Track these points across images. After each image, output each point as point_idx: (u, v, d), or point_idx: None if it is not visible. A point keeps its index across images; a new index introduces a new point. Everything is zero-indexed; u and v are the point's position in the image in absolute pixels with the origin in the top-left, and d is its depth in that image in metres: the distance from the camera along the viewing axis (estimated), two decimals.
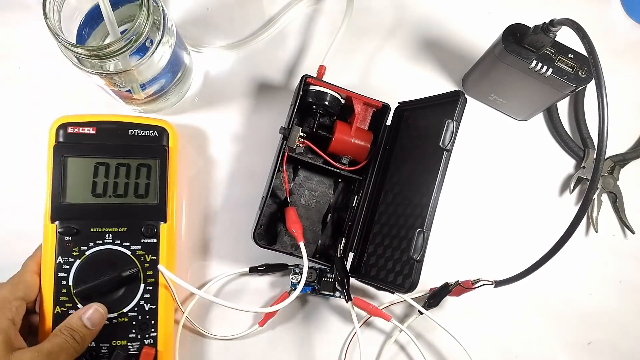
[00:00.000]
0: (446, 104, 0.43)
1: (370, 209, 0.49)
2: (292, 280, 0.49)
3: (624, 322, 0.53)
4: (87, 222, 0.44)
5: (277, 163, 0.46)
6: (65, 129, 0.45)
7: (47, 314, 0.43)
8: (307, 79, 0.46)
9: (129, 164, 0.45)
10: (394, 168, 0.48)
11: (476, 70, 0.51)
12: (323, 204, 0.50)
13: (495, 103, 0.53)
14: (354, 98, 0.47)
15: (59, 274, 0.43)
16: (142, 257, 0.45)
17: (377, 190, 0.49)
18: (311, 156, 0.50)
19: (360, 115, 0.48)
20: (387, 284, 0.43)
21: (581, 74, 0.45)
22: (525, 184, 0.54)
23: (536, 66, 0.44)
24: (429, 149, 0.42)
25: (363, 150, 0.48)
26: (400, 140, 0.49)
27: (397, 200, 0.46)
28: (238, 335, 0.49)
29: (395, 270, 0.42)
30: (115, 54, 0.37)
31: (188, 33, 0.52)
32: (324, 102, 0.47)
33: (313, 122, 0.49)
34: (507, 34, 0.44)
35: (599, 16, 0.56)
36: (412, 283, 0.39)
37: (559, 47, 0.45)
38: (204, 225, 0.50)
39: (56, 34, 0.36)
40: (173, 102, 0.50)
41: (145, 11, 0.37)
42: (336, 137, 0.47)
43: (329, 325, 0.50)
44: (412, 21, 0.55)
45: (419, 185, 0.43)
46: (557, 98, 0.48)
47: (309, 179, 0.50)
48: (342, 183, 0.51)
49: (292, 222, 0.46)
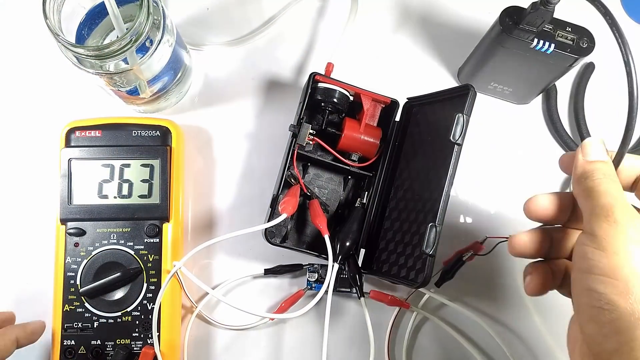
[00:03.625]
0: (456, 98, 0.41)
1: (381, 204, 0.47)
2: (309, 279, 0.46)
3: None
4: (93, 223, 0.44)
5: (287, 161, 0.44)
6: (73, 133, 0.45)
7: (57, 312, 0.43)
8: (316, 76, 0.44)
9: (132, 165, 0.45)
10: (403, 164, 0.47)
11: (472, 60, 0.50)
12: (333, 201, 0.49)
13: (495, 91, 0.52)
14: (362, 95, 0.46)
15: (67, 273, 0.44)
16: (145, 257, 0.44)
17: (387, 186, 0.48)
18: (320, 153, 0.48)
19: (369, 112, 0.47)
20: (399, 279, 0.41)
21: (582, 45, 0.43)
22: (525, 184, 0.52)
23: (537, 44, 0.43)
24: (439, 144, 0.41)
25: (372, 146, 0.47)
26: (409, 135, 0.48)
27: (407, 196, 0.45)
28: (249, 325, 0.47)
29: (408, 266, 0.41)
30: (115, 54, 0.36)
31: (188, 33, 0.51)
32: (332, 99, 0.45)
33: (322, 120, 0.47)
34: (503, 17, 0.43)
35: (599, 16, 0.54)
36: (425, 277, 0.38)
37: (555, 22, 0.43)
38: (210, 224, 0.49)
39: (56, 34, 0.35)
40: (173, 102, 0.49)
41: (145, 11, 0.36)
42: (345, 134, 0.46)
43: (342, 322, 0.48)
44: (416, 14, 0.54)
45: (430, 180, 0.42)
46: (559, 73, 0.47)
47: (319, 177, 0.49)
48: (352, 180, 0.49)
49: (316, 214, 0.44)
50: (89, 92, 0.49)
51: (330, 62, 0.47)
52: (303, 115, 0.45)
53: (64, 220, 0.44)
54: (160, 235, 0.44)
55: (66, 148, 0.45)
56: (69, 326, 0.43)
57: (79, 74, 0.39)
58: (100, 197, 0.45)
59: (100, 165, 0.45)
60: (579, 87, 0.54)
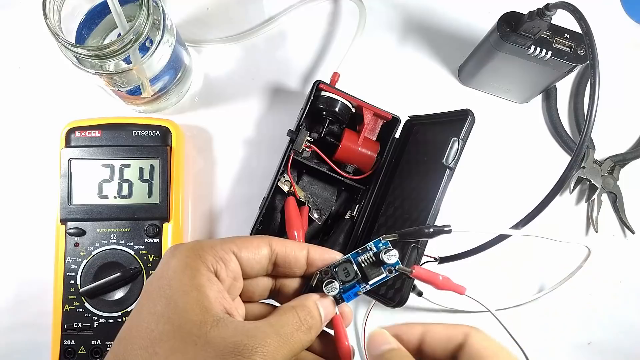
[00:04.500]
0: (455, 122, 0.41)
1: (371, 219, 0.47)
2: (332, 294, 0.29)
3: (624, 322, 0.51)
4: (93, 223, 0.44)
5: (282, 165, 0.44)
6: (73, 133, 0.45)
7: (57, 312, 0.43)
8: (320, 84, 0.44)
9: (132, 165, 0.45)
10: (397, 181, 0.46)
11: (471, 62, 0.49)
12: (324, 211, 0.48)
13: (495, 89, 0.52)
14: (364, 108, 0.45)
15: (67, 273, 0.44)
16: (145, 257, 0.44)
17: (379, 201, 0.47)
18: (317, 162, 0.47)
19: (370, 125, 0.46)
20: (378, 296, 0.40)
21: (580, 52, 0.43)
22: (525, 184, 0.52)
23: (535, 51, 0.43)
24: (433, 165, 0.40)
25: (369, 160, 0.46)
26: (407, 153, 0.47)
27: (396, 214, 0.44)
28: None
29: (388, 284, 0.40)
30: (115, 54, 0.36)
31: (188, 33, 0.51)
32: (334, 109, 0.45)
33: (322, 128, 0.47)
34: (501, 23, 0.43)
35: (599, 16, 0.54)
36: (401, 298, 0.37)
37: (554, 29, 0.43)
38: (209, 224, 0.49)
39: (56, 34, 0.35)
40: (173, 102, 0.49)
41: (145, 11, 0.36)
42: (343, 145, 0.45)
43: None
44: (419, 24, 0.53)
45: (419, 200, 0.41)
46: (558, 77, 0.47)
47: (313, 184, 0.48)
48: (345, 192, 0.49)
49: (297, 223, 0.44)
50: (89, 92, 0.49)
51: (337, 72, 0.47)
52: (303, 122, 0.45)
53: (64, 220, 0.44)
54: (160, 235, 0.44)
55: (66, 148, 0.45)
56: (69, 326, 0.43)
57: (79, 74, 0.39)
58: (100, 197, 0.44)
59: (100, 165, 0.44)
60: (579, 87, 0.53)
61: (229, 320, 0.24)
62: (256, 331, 0.24)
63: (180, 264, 0.25)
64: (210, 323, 0.23)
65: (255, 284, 0.29)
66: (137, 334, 0.24)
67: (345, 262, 0.30)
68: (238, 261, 0.27)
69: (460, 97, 0.53)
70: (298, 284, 0.30)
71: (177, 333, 0.23)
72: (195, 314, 0.24)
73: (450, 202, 0.49)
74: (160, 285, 0.25)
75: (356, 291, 0.29)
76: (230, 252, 0.27)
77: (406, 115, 0.47)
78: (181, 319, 0.23)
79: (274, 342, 0.24)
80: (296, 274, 0.30)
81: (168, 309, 0.24)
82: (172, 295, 0.24)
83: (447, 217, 0.47)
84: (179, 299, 0.24)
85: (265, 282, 0.30)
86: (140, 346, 0.23)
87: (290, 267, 0.29)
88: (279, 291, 0.30)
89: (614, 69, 0.53)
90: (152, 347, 0.23)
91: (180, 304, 0.24)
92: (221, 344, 0.23)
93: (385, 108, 0.46)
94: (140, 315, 0.24)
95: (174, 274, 0.25)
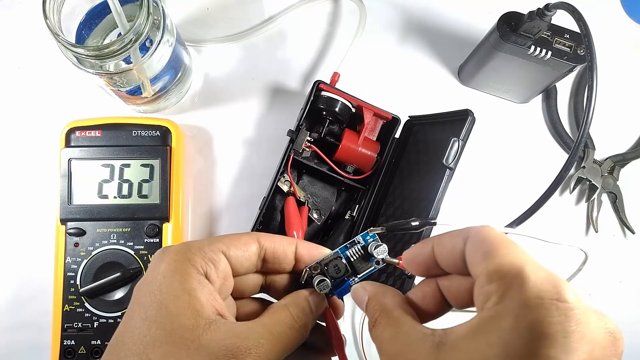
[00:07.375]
0: (455, 122, 0.40)
1: (371, 219, 0.46)
2: (324, 292, 0.29)
3: (624, 322, 0.50)
4: (93, 223, 0.44)
5: (282, 165, 0.44)
6: (73, 133, 0.45)
7: (57, 312, 0.43)
8: (320, 84, 0.44)
9: (132, 165, 0.45)
10: (398, 181, 0.46)
11: (471, 62, 0.49)
12: (324, 211, 0.48)
13: (495, 89, 0.51)
14: (364, 108, 0.45)
15: (67, 273, 0.43)
16: (145, 257, 0.44)
17: (379, 201, 0.47)
18: (317, 162, 0.47)
19: (370, 125, 0.46)
20: None
21: (579, 52, 0.43)
22: (525, 183, 0.52)
23: (535, 51, 0.43)
24: (433, 166, 0.40)
25: (369, 160, 0.46)
26: (407, 153, 0.47)
27: (396, 214, 0.44)
28: None
29: (389, 284, 0.40)
30: (115, 54, 0.35)
31: (188, 33, 0.50)
32: (334, 109, 0.44)
33: (322, 128, 0.47)
34: (501, 23, 0.43)
35: (599, 16, 0.54)
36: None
37: (554, 29, 0.43)
38: (209, 224, 0.49)
39: (56, 34, 0.34)
40: (174, 102, 0.49)
41: (145, 11, 0.36)
42: (343, 145, 0.45)
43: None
44: (419, 24, 0.53)
45: (420, 200, 0.41)
46: (558, 77, 0.47)
47: (313, 184, 0.48)
48: (345, 192, 0.49)
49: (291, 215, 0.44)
50: (89, 92, 0.49)
51: (337, 72, 0.47)
52: (303, 122, 0.45)
53: (64, 220, 0.44)
54: (160, 235, 0.44)
55: (66, 148, 0.44)
56: (69, 326, 0.43)
57: (79, 74, 0.38)
58: (100, 197, 0.44)
59: (100, 165, 0.44)
60: (579, 87, 0.53)
61: (222, 322, 0.24)
62: (249, 332, 0.24)
63: (169, 269, 0.25)
64: (203, 326, 0.23)
65: (245, 281, 0.29)
66: (130, 340, 0.23)
67: (335, 258, 0.29)
68: (227, 260, 0.27)
69: (460, 97, 0.52)
70: (288, 279, 0.30)
71: (170, 338, 0.23)
72: (187, 318, 0.23)
73: (450, 202, 0.49)
74: (150, 291, 0.24)
75: (347, 286, 0.29)
76: (219, 252, 0.26)
77: (406, 115, 0.47)
78: (173, 324, 0.23)
79: (268, 343, 0.24)
80: (285, 269, 0.29)
81: (159, 314, 0.24)
82: (163, 300, 0.24)
83: (447, 217, 0.47)
84: (170, 304, 0.24)
85: (255, 279, 0.30)
86: (133, 352, 0.23)
87: (279, 262, 0.29)
88: (269, 287, 0.30)
89: (614, 69, 0.53)
90: (145, 353, 0.23)
91: (172, 308, 0.24)
92: (214, 347, 0.23)
93: (385, 108, 0.45)
94: (131, 321, 0.24)
95: (164, 279, 0.25)
